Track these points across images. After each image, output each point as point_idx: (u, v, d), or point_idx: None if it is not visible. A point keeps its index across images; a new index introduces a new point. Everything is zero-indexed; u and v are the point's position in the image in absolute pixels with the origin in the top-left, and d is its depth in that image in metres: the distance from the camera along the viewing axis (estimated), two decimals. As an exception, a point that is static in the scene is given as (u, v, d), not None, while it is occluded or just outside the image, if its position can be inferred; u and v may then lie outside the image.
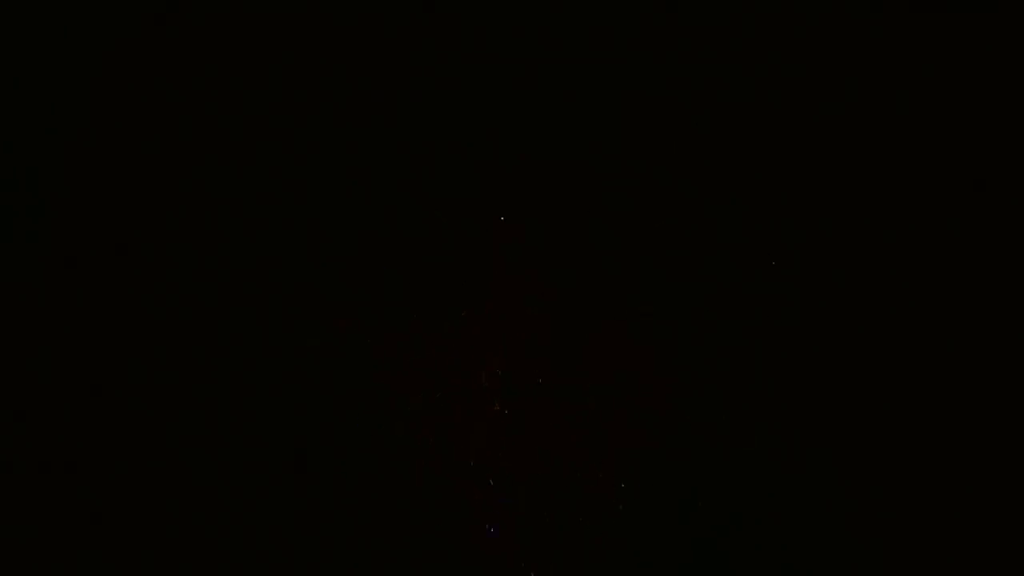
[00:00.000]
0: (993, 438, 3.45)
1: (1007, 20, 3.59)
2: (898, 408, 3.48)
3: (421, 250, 3.59)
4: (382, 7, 3.67)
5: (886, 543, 3.42)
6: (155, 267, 3.56)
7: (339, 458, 3.48)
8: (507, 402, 3.52)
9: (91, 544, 3.42)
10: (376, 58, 3.66)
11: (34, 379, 3.49)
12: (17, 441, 3.46)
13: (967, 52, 3.61)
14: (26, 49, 3.63)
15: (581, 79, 3.64)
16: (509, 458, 3.49)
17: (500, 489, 3.47)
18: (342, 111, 3.65)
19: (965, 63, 3.61)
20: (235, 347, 3.52)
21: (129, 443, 3.47)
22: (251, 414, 3.49)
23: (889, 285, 3.54)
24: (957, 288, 3.53)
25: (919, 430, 3.46)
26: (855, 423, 3.47)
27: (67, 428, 3.47)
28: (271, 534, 3.43)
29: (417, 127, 3.65)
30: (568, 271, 3.59)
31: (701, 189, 3.61)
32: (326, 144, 3.63)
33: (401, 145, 3.64)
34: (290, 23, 3.67)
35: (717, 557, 3.43)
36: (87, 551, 3.42)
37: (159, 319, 3.54)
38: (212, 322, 3.53)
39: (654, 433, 3.50)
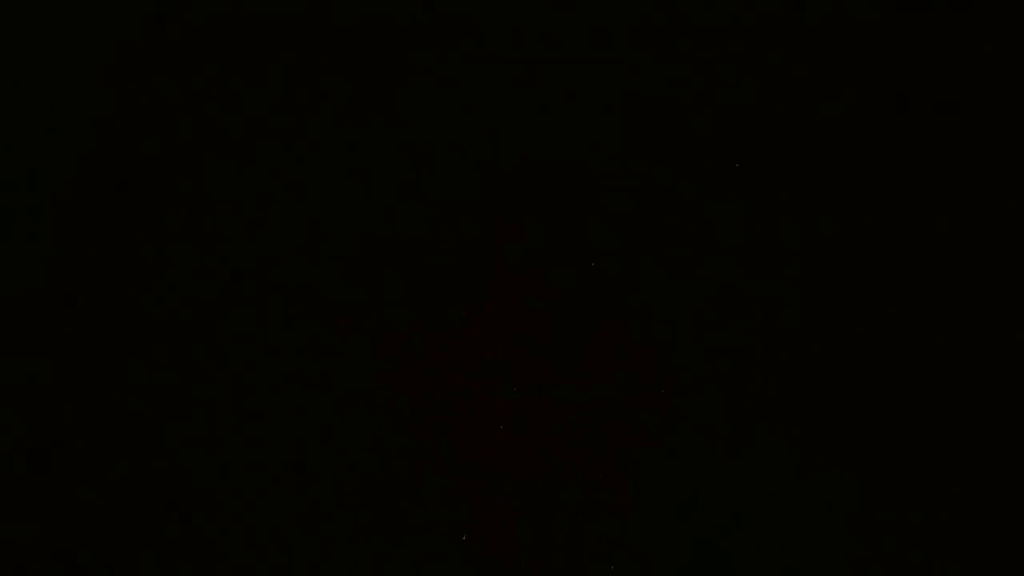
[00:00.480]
0: (993, 437, 3.45)
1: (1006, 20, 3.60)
2: (899, 408, 3.48)
3: (421, 250, 3.59)
4: (381, 6, 3.67)
5: (886, 543, 3.41)
6: (153, 268, 3.56)
7: (338, 458, 3.48)
8: (507, 402, 3.52)
9: (83, 544, 3.42)
10: (375, 58, 3.66)
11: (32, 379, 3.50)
12: (16, 441, 3.45)
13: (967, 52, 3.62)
14: (26, 49, 3.63)
15: (581, 79, 3.64)
16: (509, 458, 3.49)
17: (500, 489, 3.47)
18: (341, 111, 3.65)
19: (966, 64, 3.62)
20: (234, 347, 3.52)
21: (127, 442, 3.47)
22: (250, 414, 3.49)
23: (889, 285, 3.54)
24: (956, 288, 3.53)
25: (920, 429, 3.46)
26: (856, 423, 3.47)
27: (67, 428, 3.47)
28: (269, 534, 3.43)
29: (416, 127, 3.65)
30: (568, 271, 3.59)
31: (702, 189, 3.61)
32: (325, 144, 3.64)
33: (400, 145, 3.64)
34: (288, 23, 3.67)
35: (717, 557, 3.43)
36: (81, 551, 3.42)
37: (157, 319, 3.54)
38: (211, 322, 3.53)
39: (654, 433, 3.50)
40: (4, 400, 3.46)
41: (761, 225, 3.59)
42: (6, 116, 3.59)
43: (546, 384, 3.53)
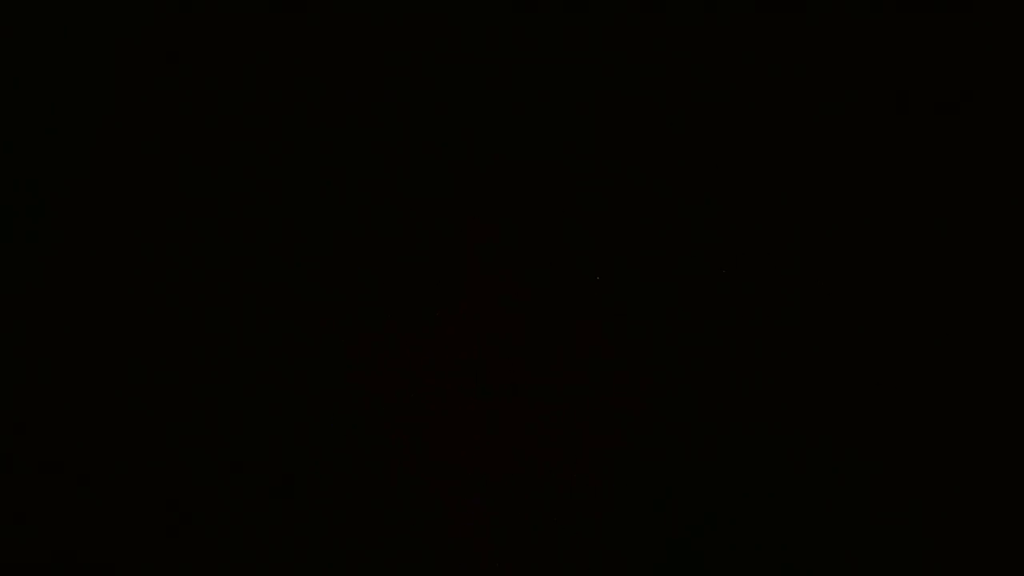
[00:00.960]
0: (976, 439, 3.46)
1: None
2: (874, 405, 3.48)
3: (395, 250, 3.59)
4: (356, 7, 3.67)
5: (861, 542, 3.41)
6: (128, 269, 3.57)
7: (313, 458, 3.48)
8: (481, 402, 3.52)
9: (65, 544, 3.43)
10: (350, 58, 3.66)
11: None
12: (16, 441, 3.46)
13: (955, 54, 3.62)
14: (27, 49, 3.64)
15: (555, 79, 3.64)
16: (483, 458, 3.49)
17: (474, 489, 3.47)
18: (316, 111, 3.65)
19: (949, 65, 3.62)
20: (208, 347, 3.52)
21: (115, 443, 3.48)
22: (224, 414, 3.49)
23: (865, 286, 3.54)
24: (939, 288, 3.53)
25: (896, 429, 3.46)
26: (830, 423, 3.47)
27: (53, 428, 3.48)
28: (242, 534, 3.43)
29: (391, 127, 3.65)
30: (543, 271, 3.59)
31: (676, 189, 3.61)
32: (300, 144, 3.64)
33: (375, 145, 3.64)
34: (263, 24, 3.67)
35: (691, 557, 3.43)
36: (60, 552, 3.42)
37: (134, 320, 3.54)
38: (185, 322, 3.53)
39: (629, 433, 3.50)
40: (4, 400, 3.47)
41: (736, 225, 3.58)
42: (6, 116, 3.60)
43: (520, 384, 3.53)
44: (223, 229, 3.58)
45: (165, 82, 3.65)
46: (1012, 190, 3.55)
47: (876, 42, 3.62)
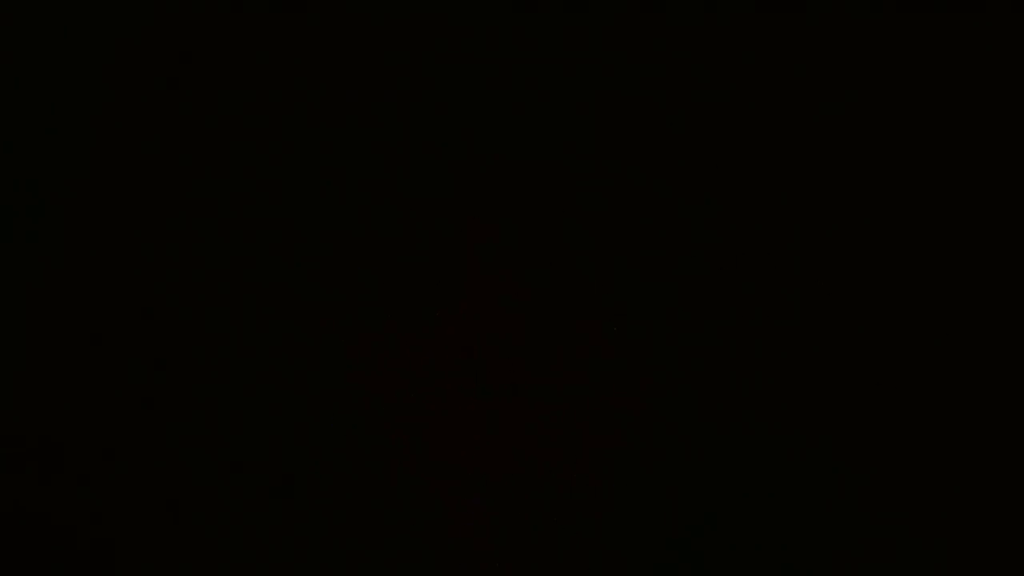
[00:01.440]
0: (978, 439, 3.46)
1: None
2: (870, 405, 3.48)
3: (395, 250, 3.59)
4: (355, 7, 3.67)
5: (861, 542, 3.41)
6: (128, 269, 3.57)
7: (313, 459, 3.48)
8: (481, 402, 3.52)
9: (65, 543, 3.43)
10: (349, 58, 3.67)
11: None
12: (16, 441, 3.46)
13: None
14: (26, 49, 3.64)
15: (555, 79, 3.64)
16: (483, 458, 3.49)
17: (474, 489, 3.47)
18: (315, 111, 3.65)
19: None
20: (208, 347, 3.52)
21: (115, 442, 3.48)
22: (224, 414, 3.49)
23: (863, 287, 3.54)
24: (940, 289, 3.54)
25: (897, 429, 3.46)
26: (830, 423, 3.47)
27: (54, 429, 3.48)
28: (242, 535, 3.43)
29: (391, 126, 3.65)
30: (543, 271, 3.59)
31: (676, 189, 3.61)
32: (300, 144, 3.64)
33: (375, 145, 3.64)
34: (264, 24, 3.67)
35: (692, 557, 3.43)
36: (60, 551, 3.43)
37: (134, 320, 3.54)
38: (185, 322, 3.54)
39: (629, 433, 3.50)
40: (4, 400, 3.48)
41: (736, 225, 3.59)
42: (6, 116, 3.61)
43: (520, 384, 3.53)
44: (223, 229, 3.59)
45: (165, 82, 3.65)
46: (1012, 190, 3.55)
47: (876, 42, 3.62)
